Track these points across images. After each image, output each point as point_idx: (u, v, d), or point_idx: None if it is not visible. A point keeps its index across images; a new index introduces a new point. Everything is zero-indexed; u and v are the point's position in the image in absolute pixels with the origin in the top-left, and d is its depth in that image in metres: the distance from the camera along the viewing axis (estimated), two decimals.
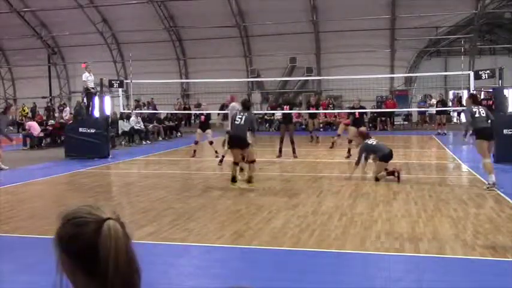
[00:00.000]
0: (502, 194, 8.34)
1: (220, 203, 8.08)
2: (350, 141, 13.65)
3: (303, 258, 5.32)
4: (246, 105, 10.07)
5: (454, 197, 8.37)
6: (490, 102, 18.82)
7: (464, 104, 14.75)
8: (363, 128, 13.15)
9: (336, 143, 15.95)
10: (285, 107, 15.91)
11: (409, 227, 6.38)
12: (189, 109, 28.25)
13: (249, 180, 9.54)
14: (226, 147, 11.33)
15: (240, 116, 9.54)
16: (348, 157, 13.51)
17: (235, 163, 9.64)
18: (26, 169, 12.97)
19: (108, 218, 1.30)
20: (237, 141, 9.52)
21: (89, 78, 15.49)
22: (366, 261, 5.25)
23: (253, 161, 9.60)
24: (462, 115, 27.83)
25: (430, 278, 4.69)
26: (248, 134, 9.70)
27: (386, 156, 10.21)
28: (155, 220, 6.99)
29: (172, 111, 25.41)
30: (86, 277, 1.25)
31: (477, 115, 9.50)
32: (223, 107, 18.76)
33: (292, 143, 13.91)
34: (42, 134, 19.23)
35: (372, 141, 10.42)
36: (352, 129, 13.41)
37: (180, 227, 6.63)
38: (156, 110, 24.78)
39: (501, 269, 4.96)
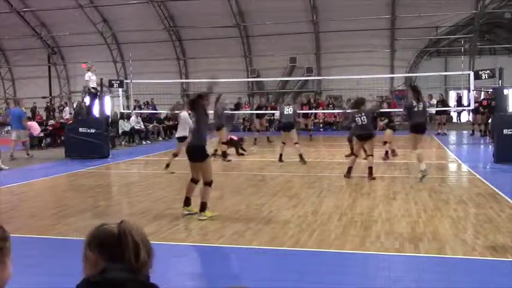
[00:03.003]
0: (502, 194, 8.34)
1: (220, 203, 8.08)
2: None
3: (303, 258, 5.32)
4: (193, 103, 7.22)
5: (454, 197, 8.37)
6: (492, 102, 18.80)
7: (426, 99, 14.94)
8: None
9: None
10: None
11: (409, 227, 6.37)
12: None
13: (202, 208, 7.08)
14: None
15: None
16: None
17: (194, 181, 7.39)
18: (26, 169, 12.97)
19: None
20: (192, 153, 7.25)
21: (91, 78, 15.44)
22: (366, 261, 5.25)
23: (209, 183, 7.19)
24: (462, 115, 27.98)
25: (430, 278, 4.68)
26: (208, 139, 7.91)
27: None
28: (155, 220, 7.00)
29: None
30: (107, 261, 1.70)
31: (416, 109, 10.07)
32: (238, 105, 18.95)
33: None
34: (42, 134, 19.22)
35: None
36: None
37: (180, 227, 6.64)
38: (156, 110, 24.79)
39: (501, 269, 4.96)
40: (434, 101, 23.34)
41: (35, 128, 18.95)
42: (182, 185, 10.43)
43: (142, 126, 20.65)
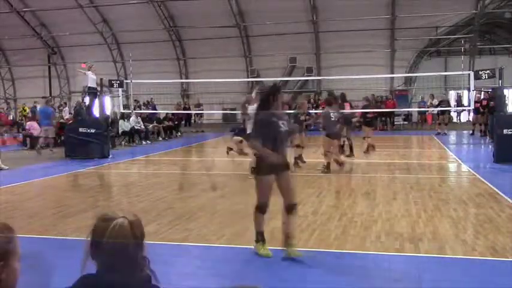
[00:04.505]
0: (502, 194, 8.34)
1: (220, 203, 8.08)
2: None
3: (303, 258, 5.32)
4: None
5: (454, 197, 8.37)
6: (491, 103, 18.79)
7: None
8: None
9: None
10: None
11: (409, 227, 6.37)
12: (189, 109, 28.26)
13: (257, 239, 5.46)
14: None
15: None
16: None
17: (263, 208, 5.46)
18: (26, 169, 12.97)
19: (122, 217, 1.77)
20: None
21: (91, 77, 15.41)
22: (366, 261, 5.25)
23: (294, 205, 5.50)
24: (462, 115, 27.99)
25: (430, 278, 4.68)
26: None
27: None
28: (155, 220, 6.99)
29: (172, 111, 25.40)
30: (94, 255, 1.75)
31: (333, 119, 11.04)
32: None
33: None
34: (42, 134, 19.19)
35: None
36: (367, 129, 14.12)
37: (180, 227, 6.63)
38: (156, 110, 24.77)
39: (501, 269, 4.96)
40: (435, 101, 23.35)
41: (35, 127, 18.94)
42: (182, 185, 10.44)
43: (142, 126, 20.64)
